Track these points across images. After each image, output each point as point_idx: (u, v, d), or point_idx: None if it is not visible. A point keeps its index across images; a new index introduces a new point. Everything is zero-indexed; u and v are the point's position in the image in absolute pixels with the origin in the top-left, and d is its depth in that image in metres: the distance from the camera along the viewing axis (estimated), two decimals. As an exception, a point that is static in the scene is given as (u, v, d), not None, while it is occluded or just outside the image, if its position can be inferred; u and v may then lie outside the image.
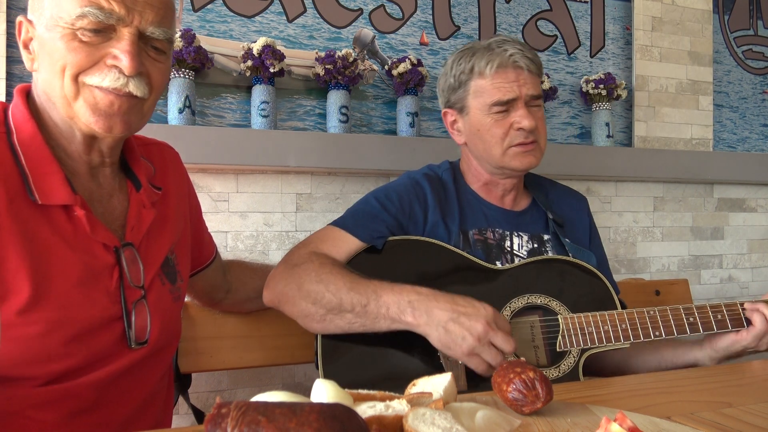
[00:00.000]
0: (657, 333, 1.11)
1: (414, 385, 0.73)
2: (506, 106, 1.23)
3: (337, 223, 1.23)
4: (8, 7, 1.60)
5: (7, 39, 1.59)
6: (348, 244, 1.20)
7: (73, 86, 0.84)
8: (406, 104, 1.91)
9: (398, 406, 0.61)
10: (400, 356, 1.12)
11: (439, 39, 2.07)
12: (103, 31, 0.84)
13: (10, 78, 1.60)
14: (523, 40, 2.18)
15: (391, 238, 1.22)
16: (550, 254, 1.30)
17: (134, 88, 0.86)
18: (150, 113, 0.94)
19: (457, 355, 1.03)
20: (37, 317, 0.81)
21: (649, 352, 1.25)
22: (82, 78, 0.85)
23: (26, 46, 0.89)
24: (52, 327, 0.83)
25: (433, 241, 1.23)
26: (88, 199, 0.91)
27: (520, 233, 1.31)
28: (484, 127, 1.26)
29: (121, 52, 0.84)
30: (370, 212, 1.24)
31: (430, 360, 1.11)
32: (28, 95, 0.92)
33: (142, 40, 0.87)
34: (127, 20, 0.84)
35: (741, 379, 1.02)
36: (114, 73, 0.84)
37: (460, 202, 1.31)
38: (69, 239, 0.86)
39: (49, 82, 0.86)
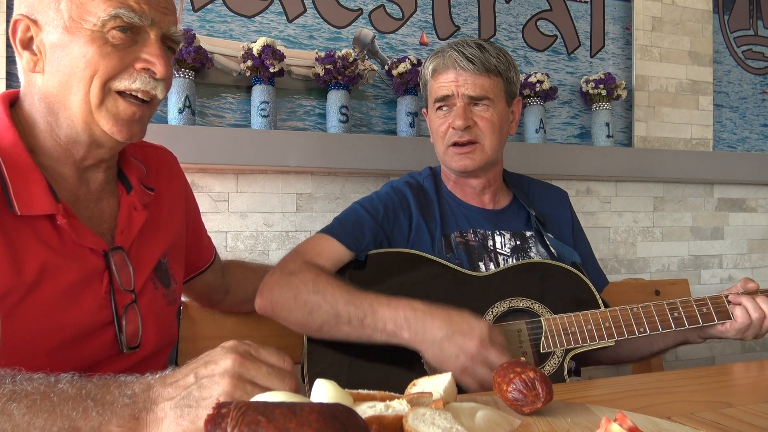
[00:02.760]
0: (641, 329, 1.11)
1: (414, 385, 0.73)
2: (445, 103, 1.29)
3: (327, 231, 1.25)
4: (8, 7, 1.60)
5: (7, 39, 1.59)
6: (337, 253, 1.22)
7: (100, 93, 0.84)
8: (406, 104, 1.91)
9: (398, 406, 0.61)
10: (386, 362, 1.12)
11: (439, 39, 2.07)
12: (131, 34, 0.84)
13: (10, 78, 1.60)
14: (523, 40, 2.19)
15: (374, 251, 1.24)
16: (533, 251, 1.31)
17: (161, 91, 0.88)
18: (152, 115, 0.96)
19: (450, 372, 1.04)
20: (22, 327, 0.80)
21: (640, 338, 1.26)
22: (111, 84, 0.84)
23: (26, 47, 0.86)
24: (38, 335, 0.81)
25: (415, 251, 1.24)
26: (73, 203, 0.90)
27: (502, 231, 1.33)
28: (433, 125, 1.34)
29: (152, 56, 0.85)
30: (358, 221, 1.27)
31: (415, 366, 1.11)
32: (10, 103, 0.90)
33: (161, 42, 0.88)
34: (156, 21, 0.85)
35: (741, 379, 1.02)
36: (145, 76, 0.86)
37: (441, 206, 1.34)
38: (56, 247, 0.84)
39: (68, 87, 0.84)
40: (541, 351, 1.12)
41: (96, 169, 0.94)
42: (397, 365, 1.12)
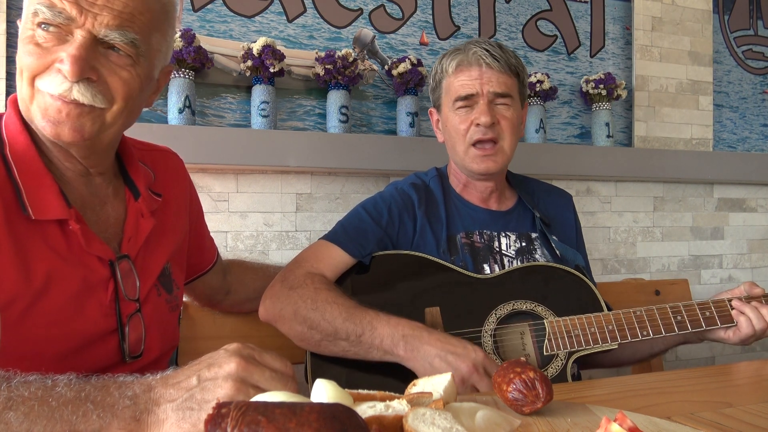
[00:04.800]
0: (645, 333, 1.11)
1: (414, 385, 0.73)
2: (468, 101, 1.26)
3: (329, 238, 1.25)
4: (8, 7, 1.60)
5: (7, 39, 1.59)
6: (339, 260, 1.21)
7: (29, 90, 0.81)
8: (406, 104, 1.91)
9: (398, 406, 0.61)
10: (386, 363, 1.12)
11: (439, 39, 2.07)
12: (57, 33, 0.80)
13: (10, 78, 1.60)
14: (523, 40, 2.19)
15: (377, 254, 1.23)
16: (539, 253, 1.31)
17: (79, 94, 0.80)
18: (118, 123, 0.87)
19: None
20: (27, 335, 0.79)
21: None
22: (36, 82, 0.81)
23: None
24: (44, 344, 0.81)
25: (419, 254, 1.24)
26: (80, 207, 0.88)
27: (508, 233, 1.32)
28: (451, 124, 1.30)
29: (66, 55, 0.78)
30: (360, 226, 1.26)
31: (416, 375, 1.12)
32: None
33: (102, 44, 0.81)
34: (79, 21, 0.78)
35: (741, 379, 1.02)
36: (59, 77, 0.79)
37: (447, 208, 1.33)
38: (63, 253, 0.84)
39: (18, 87, 0.83)
40: (545, 353, 1.11)
41: (92, 176, 0.93)
42: (397, 366, 1.12)
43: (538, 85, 2.03)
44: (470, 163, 1.28)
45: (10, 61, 1.60)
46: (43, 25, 0.79)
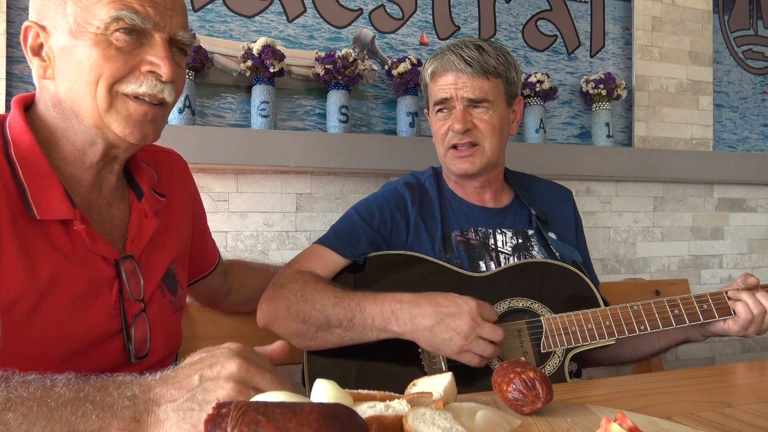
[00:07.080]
0: (642, 327, 1.10)
1: (414, 385, 0.73)
2: (445, 105, 1.28)
3: (320, 241, 1.26)
4: (8, 7, 1.60)
5: (7, 39, 1.59)
6: (331, 261, 1.22)
7: (107, 96, 0.83)
8: (406, 104, 1.91)
9: (398, 406, 0.61)
10: (385, 362, 1.12)
11: (439, 39, 2.07)
12: (136, 37, 0.83)
13: (10, 78, 1.60)
14: (523, 40, 2.19)
15: (371, 254, 1.24)
16: (536, 250, 1.31)
17: (168, 94, 0.87)
18: (167, 119, 0.94)
19: (448, 355, 1.05)
20: (32, 335, 0.79)
21: (641, 337, 1.25)
22: (117, 87, 0.83)
23: (36, 53, 0.86)
24: (49, 344, 0.81)
25: (413, 253, 1.24)
26: (86, 209, 0.89)
27: (504, 230, 1.32)
28: (433, 127, 1.34)
29: (158, 58, 0.84)
30: (352, 228, 1.27)
31: (414, 366, 1.12)
32: (25, 107, 0.89)
33: (169, 45, 0.87)
34: (161, 25, 0.84)
35: (741, 379, 1.02)
36: (151, 79, 0.84)
37: (441, 206, 1.33)
38: (68, 253, 0.84)
39: (76, 92, 0.83)
40: (542, 351, 1.11)
41: (109, 170, 0.93)
42: (397, 365, 1.12)
43: (538, 85, 2.03)
44: (449, 164, 1.31)
45: (10, 61, 1.60)
46: (124, 30, 0.82)
